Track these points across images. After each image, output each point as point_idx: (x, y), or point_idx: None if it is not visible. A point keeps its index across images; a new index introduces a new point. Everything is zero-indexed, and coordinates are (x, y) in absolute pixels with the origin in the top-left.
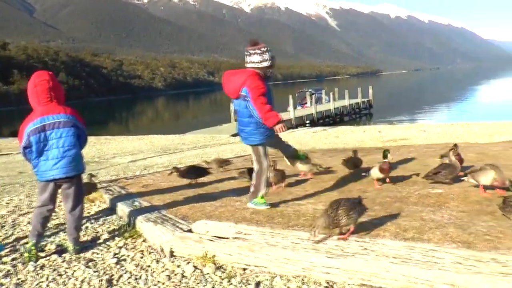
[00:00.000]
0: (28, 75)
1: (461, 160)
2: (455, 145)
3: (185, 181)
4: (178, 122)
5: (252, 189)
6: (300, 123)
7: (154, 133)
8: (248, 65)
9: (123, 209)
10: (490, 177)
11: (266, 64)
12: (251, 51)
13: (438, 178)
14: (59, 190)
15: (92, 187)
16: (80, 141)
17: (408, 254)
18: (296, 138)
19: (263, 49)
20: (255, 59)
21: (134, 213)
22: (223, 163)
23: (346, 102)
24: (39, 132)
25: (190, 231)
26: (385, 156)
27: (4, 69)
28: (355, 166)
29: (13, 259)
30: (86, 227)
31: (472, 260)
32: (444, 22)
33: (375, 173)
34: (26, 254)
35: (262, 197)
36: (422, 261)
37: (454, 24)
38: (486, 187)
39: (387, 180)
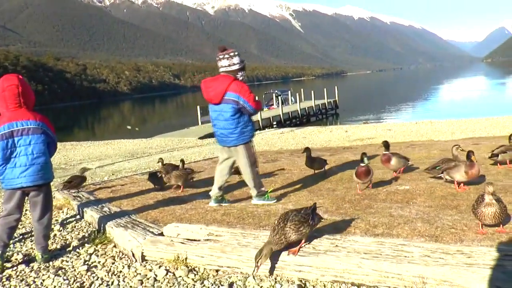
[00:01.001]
0: None
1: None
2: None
3: (152, 186)
4: (145, 126)
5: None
6: (267, 124)
7: (121, 138)
8: (220, 70)
9: (92, 215)
10: (463, 172)
11: (235, 67)
12: (220, 56)
13: (434, 173)
14: (26, 198)
15: (82, 180)
16: (49, 149)
17: (378, 250)
18: (264, 140)
19: (231, 53)
20: (224, 64)
21: (104, 219)
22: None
23: (312, 103)
24: (6, 139)
25: (161, 234)
26: (362, 160)
27: None
28: (313, 163)
29: None
30: (55, 235)
31: (440, 252)
32: (406, 24)
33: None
34: None
35: (269, 191)
36: (392, 256)
37: (415, 26)
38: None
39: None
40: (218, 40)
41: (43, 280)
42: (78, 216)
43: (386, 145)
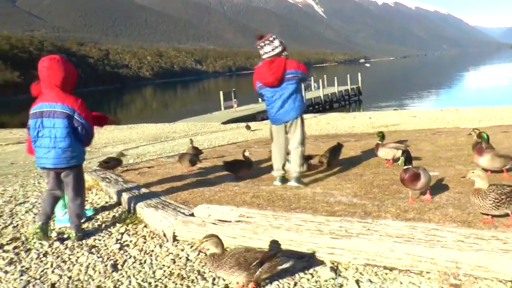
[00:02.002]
0: (12, 65)
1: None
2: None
3: (180, 168)
4: (167, 110)
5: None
6: None
7: (143, 122)
8: (264, 56)
9: (121, 195)
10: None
11: (278, 50)
12: (262, 44)
13: None
14: None
15: (118, 163)
16: (79, 134)
17: (410, 234)
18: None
19: (270, 38)
20: (268, 49)
21: (133, 199)
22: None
23: (335, 89)
24: (36, 117)
25: (192, 215)
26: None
27: None
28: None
29: (15, 247)
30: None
31: (474, 238)
32: (431, 9)
33: None
34: (32, 235)
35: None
36: (425, 240)
37: (440, 11)
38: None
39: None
40: (240, 25)
41: (78, 258)
42: (107, 197)
43: (382, 136)
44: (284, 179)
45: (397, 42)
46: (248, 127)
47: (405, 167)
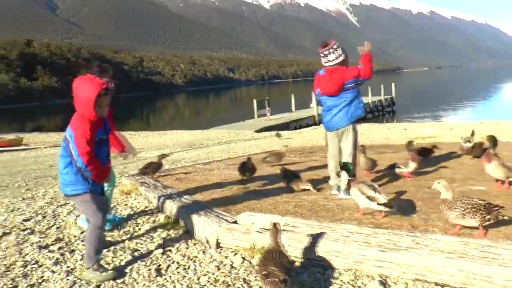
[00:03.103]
0: (51, 71)
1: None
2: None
3: (218, 175)
4: (199, 118)
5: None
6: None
7: (176, 129)
8: (327, 64)
9: (162, 201)
10: None
11: (342, 58)
12: (326, 52)
13: None
14: None
15: (159, 166)
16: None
17: (463, 250)
18: (321, 135)
19: (334, 46)
20: (332, 58)
21: (174, 205)
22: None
23: (369, 99)
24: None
25: (235, 222)
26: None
27: (29, 65)
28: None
29: (59, 248)
30: (126, 218)
31: None
32: (468, 19)
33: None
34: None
35: None
36: (479, 257)
37: (477, 20)
38: None
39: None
40: (273, 34)
41: (121, 260)
42: (146, 201)
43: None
44: (339, 188)
45: (431, 53)
46: (278, 135)
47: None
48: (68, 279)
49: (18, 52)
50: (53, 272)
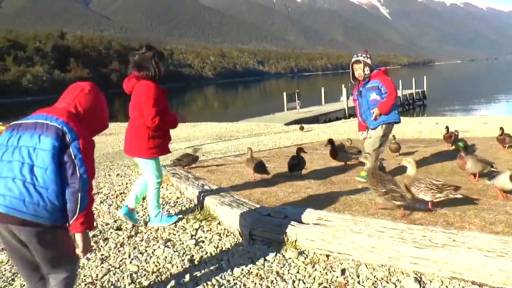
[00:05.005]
0: (83, 63)
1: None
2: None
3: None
4: (229, 110)
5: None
6: (353, 113)
7: (206, 121)
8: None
9: (193, 192)
10: None
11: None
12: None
13: None
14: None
15: (194, 159)
16: None
17: (503, 248)
18: (351, 128)
19: (368, 54)
20: (370, 61)
21: (206, 196)
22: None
23: (399, 92)
24: None
25: (269, 215)
26: (464, 148)
27: (62, 57)
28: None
29: (93, 236)
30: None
31: None
32: (505, 9)
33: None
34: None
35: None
36: None
37: None
38: None
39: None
40: (304, 27)
41: (154, 250)
42: (178, 192)
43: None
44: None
45: (465, 45)
46: (302, 128)
47: None
48: (102, 267)
49: (52, 45)
50: (88, 259)
